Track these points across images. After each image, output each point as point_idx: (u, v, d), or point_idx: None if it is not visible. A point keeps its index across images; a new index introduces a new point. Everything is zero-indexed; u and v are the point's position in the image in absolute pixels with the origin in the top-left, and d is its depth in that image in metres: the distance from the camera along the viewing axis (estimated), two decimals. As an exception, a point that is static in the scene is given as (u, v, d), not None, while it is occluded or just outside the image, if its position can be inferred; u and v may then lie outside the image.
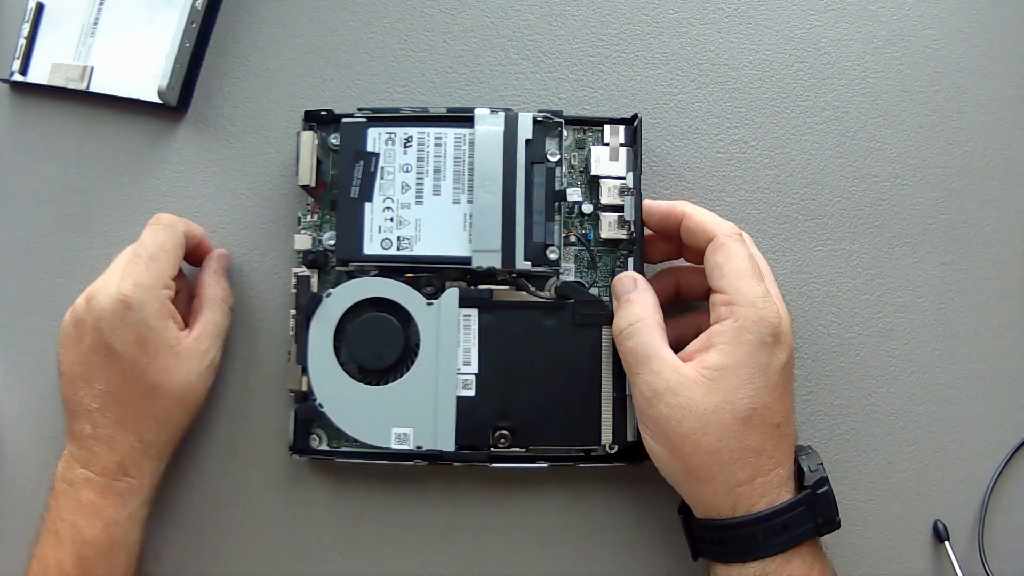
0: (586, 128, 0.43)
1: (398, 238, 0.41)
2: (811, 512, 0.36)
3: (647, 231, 0.42)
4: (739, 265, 0.37)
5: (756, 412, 0.35)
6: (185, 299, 0.43)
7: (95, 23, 0.46)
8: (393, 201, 0.42)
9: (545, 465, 0.41)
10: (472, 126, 0.41)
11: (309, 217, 0.43)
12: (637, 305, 0.38)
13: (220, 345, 0.42)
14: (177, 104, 0.45)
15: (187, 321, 0.42)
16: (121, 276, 0.39)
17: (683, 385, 0.36)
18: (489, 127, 0.41)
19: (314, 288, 0.42)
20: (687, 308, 0.43)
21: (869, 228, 0.45)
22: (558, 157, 0.42)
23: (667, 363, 0.36)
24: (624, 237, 0.42)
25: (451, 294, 0.41)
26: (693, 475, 0.36)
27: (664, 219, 0.40)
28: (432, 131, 0.42)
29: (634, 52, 0.46)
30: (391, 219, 0.41)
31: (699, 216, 0.39)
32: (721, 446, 0.35)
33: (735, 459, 0.35)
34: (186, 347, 0.40)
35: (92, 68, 0.45)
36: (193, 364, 0.40)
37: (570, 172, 0.43)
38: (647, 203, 0.41)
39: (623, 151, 0.42)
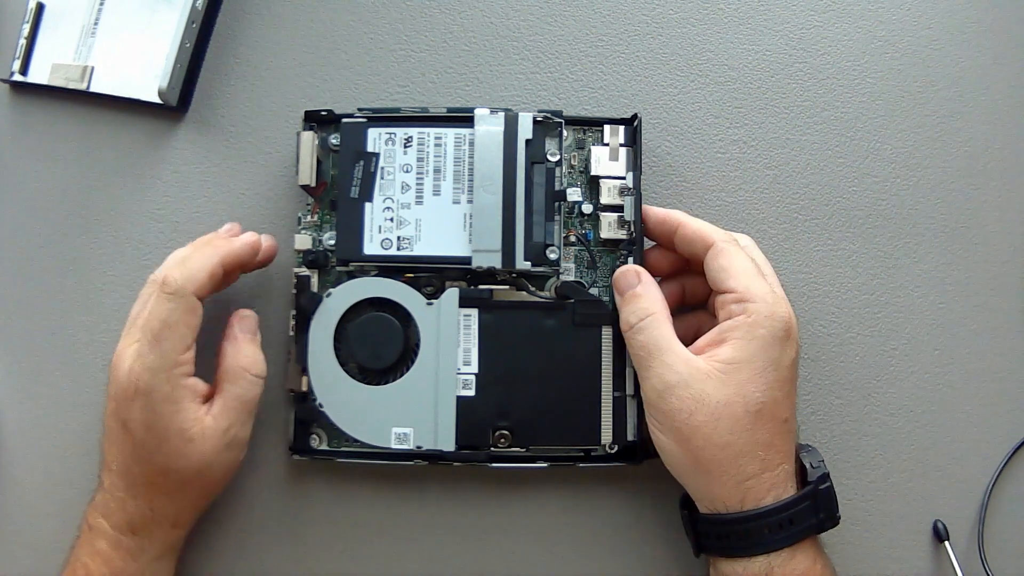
0: (586, 128, 0.43)
1: (398, 238, 0.41)
2: (814, 507, 0.36)
3: (648, 242, 0.42)
4: (745, 265, 0.38)
5: (766, 406, 0.36)
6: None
7: (95, 23, 0.46)
8: (393, 201, 0.42)
9: (545, 465, 0.41)
10: (472, 126, 0.41)
11: (309, 217, 0.43)
12: (645, 299, 0.38)
13: (245, 420, 0.39)
14: (177, 104, 0.45)
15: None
16: (130, 353, 0.37)
17: (696, 378, 0.36)
18: (489, 127, 0.41)
19: (314, 288, 0.42)
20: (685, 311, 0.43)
21: (869, 228, 0.45)
22: (558, 157, 0.42)
23: (679, 356, 0.37)
24: (624, 237, 0.42)
25: (451, 294, 0.41)
26: (703, 468, 0.36)
27: (659, 225, 0.41)
28: (432, 131, 0.42)
29: (634, 52, 0.46)
30: (391, 219, 0.41)
31: (695, 224, 0.40)
32: (732, 439, 0.35)
33: (745, 452, 0.35)
34: (204, 428, 0.38)
35: (92, 68, 0.45)
36: (210, 444, 0.38)
37: (570, 172, 0.43)
38: (644, 207, 0.41)
39: (623, 151, 0.42)
